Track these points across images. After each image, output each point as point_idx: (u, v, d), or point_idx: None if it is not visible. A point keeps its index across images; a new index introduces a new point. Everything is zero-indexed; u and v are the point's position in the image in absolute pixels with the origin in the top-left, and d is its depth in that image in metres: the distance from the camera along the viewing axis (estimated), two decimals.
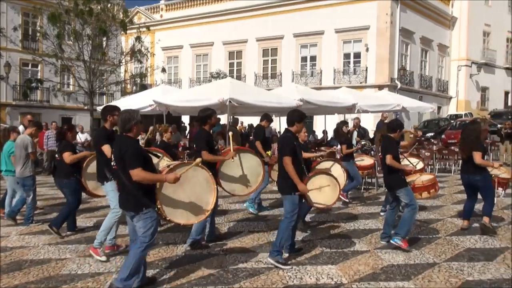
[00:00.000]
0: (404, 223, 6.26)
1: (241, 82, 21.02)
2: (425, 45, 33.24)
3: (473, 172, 7.00)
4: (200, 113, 6.53)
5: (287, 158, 5.52)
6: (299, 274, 5.27)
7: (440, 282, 5.01)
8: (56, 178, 7.32)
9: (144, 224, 4.59)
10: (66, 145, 7.17)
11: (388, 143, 6.50)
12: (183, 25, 36.62)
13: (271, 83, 31.90)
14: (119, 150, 4.55)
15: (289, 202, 5.65)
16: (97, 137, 6.14)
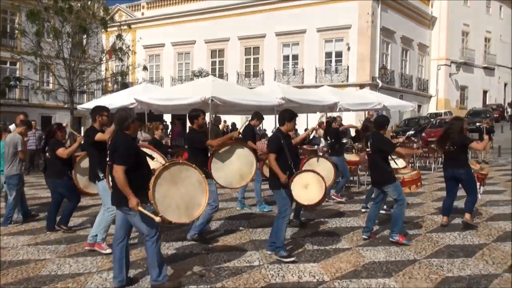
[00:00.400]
0: (396, 219, 6.42)
1: (223, 80, 20.95)
2: (405, 45, 33.61)
3: (457, 166, 7.15)
4: (190, 112, 6.66)
5: (272, 155, 5.73)
6: (281, 272, 5.28)
7: (420, 279, 5.07)
8: (47, 178, 7.30)
9: (139, 217, 4.61)
10: (56, 143, 7.15)
11: (381, 140, 6.58)
12: (165, 23, 36.39)
13: (253, 81, 31.91)
14: (113, 146, 4.60)
15: (279, 197, 5.81)
16: (88, 137, 6.10)
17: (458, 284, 4.89)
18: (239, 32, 32.79)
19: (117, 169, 4.45)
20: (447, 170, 7.37)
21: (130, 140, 4.69)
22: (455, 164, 7.19)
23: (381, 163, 6.54)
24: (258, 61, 33.04)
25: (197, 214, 5.05)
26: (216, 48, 34.72)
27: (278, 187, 5.76)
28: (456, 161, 7.17)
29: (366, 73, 28.93)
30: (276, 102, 13.29)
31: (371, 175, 6.94)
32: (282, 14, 30.91)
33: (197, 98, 12.20)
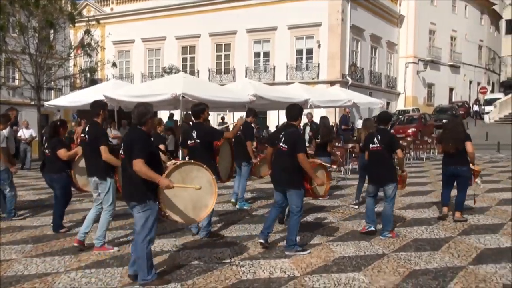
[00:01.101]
0: (387, 218, 6.59)
1: (194, 77, 20.80)
2: (374, 42, 34.08)
3: (461, 163, 7.32)
4: (194, 107, 6.61)
5: (304, 154, 5.68)
6: (252, 269, 5.29)
7: (389, 272, 5.16)
8: (45, 174, 7.23)
9: (145, 215, 4.66)
10: (58, 141, 7.06)
11: (392, 136, 6.79)
12: (135, 18, 35.81)
13: (224, 78, 31.79)
14: (130, 141, 4.63)
15: (298, 197, 5.82)
16: (95, 134, 5.96)
17: (424, 277, 5.00)
18: (210, 28, 32.57)
19: (137, 162, 4.48)
20: (449, 166, 7.48)
21: (146, 136, 4.76)
22: (458, 161, 7.33)
23: (390, 160, 6.58)
24: (229, 58, 32.95)
25: (204, 215, 5.11)
26: (187, 44, 34.45)
27: (300, 187, 5.80)
28: (459, 158, 7.32)
29: (336, 71, 29.21)
30: (247, 99, 13.30)
31: (375, 171, 6.74)
32: (253, 11, 30.86)
33: (168, 94, 12.11)
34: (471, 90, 47.39)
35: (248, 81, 17.06)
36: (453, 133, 7.42)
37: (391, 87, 37.39)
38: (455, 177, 7.51)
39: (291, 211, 5.91)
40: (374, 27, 33.55)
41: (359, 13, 31.14)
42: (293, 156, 5.66)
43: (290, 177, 5.78)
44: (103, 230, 6.01)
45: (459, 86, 45.22)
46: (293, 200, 5.84)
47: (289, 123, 5.99)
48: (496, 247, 6.06)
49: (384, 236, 6.52)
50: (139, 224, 4.71)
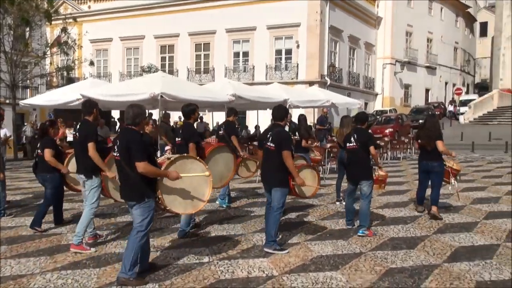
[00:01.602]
0: (364, 215, 6.74)
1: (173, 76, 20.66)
2: (353, 43, 34.40)
3: (432, 159, 7.65)
4: (185, 107, 6.71)
5: (289, 152, 5.80)
6: (231, 268, 5.28)
7: (366, 271, 5.21)
8: (38, 173, 7.20)
9: (142, 213, 4.76)
10: (48, 141, 7.03)
11: (368, 136, 6.97)
12: (113, 17, 35.47)
13: (203, 78, 31.70)
14: (126, 142, 4.69)
15: (282, 195, 5.94)
16: (85, 131, 5.99)
17: (401, 275, 5.06)
18: (189, 27, 32.45)
19: (142, 165, 4.57)
20: (423, 163, 7.84)
21: (141, 136, 4.85)
22: (430, 157, 7.68)
23: (366, 158, 6.82)
24: (208, 58, 32.87)
25: (201, 205, 5.23)
26: (166, 43, 34.24)
27: (285, 185, 5.92)
28: (432, 154, 7.65)
29: (315, 71, 29.40)
30: (227, 99, 13.28)
31: (351, 169, 7.06)
32: (233, 11, 30.84)
33: (146, 94, 11.99)
34: (446, 91, 48.24)
35: (227, 81, 17.03)
36: (427, 131, 7.74)
37: (369, 87, 37.80)
38: (428, 173, 7.80)
39: (272, 207, 5.98)
40: (352, 28, 33.87)
41: (337, 14, 31.39)
42: (280, 154, 5.79)
43: (277, 176, 5.92)
44: (83, 226, 5.97)
45: (435, 87, 45.97)
46: (276, 197, 5.93)
47: (276, 123, 6.14)
48: (470, 245, 6.17)
49: (361, 233, 6.63)
50: (136, 221, 4.82)
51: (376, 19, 38.31)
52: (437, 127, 7.85)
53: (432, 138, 7.61)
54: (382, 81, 38.99)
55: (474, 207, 8.52)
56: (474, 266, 5.32)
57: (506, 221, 7.41)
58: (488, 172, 13.47)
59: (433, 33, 44.95)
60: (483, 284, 4.81)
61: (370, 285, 4.79)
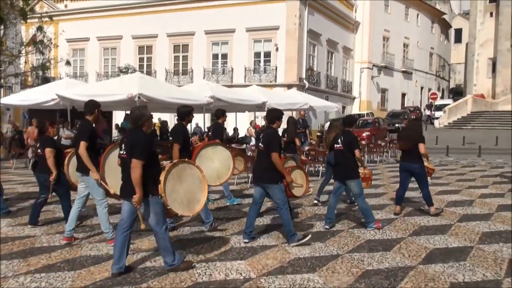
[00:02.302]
0: (365, 211, 7.15)
1: (151, 77, 20.55)
2: (331, 47, 34.70)
3: (413, 161, 7.96)
4: (181, 108, 6.93)
5: (276, 153, 6.13)
6: (208, 271, 5.25)
7: (342, 273, 5.25)
8: (37, 173, 7.30)
9: (154, 208, 5.01)
10: (47, 140, 7.16)
11: (352, 138, 7.37)
12: (90, 16, 35.01)
13: (182, 79, 31.56)
14: (132, 141, 4.92)
15: (279, 190, 6.24)
16: (81, 129, 6.17)
17: (377, 277, 5.11)
18: (168, 28, 32.27)
19: (136, 163, 4.79)
20: (403, 163, 8.15)
21: (146, 137, 5.06)
22: (411, 159, 7.98)
23: (351, 159, 7.19)
24: (187, 59, 32.74)
25: (197, 209, 5.48)
26: (144, 44, 33.99)
27: (276, 182, 6.22)
28: (412, 156, 7.96)
29: (294, 74, 29.55)
30: (205, 101, 13.26)
31: (338, 168, 7.44)
32: (212, 13, 30.80)
33: (123, 95, 11.91)
34: (422, 95, 49.09)
35: (206, 82, 17.04)
36: (409, 132, 8.19)
37: (347, 91, 38.18)
38: (409, 174, 8.11)
39: (277, 205, 6.32)
40: (331, 32, 34.17)
41: (316, 18, 31.64)
42: (269, 155, 6.12)
43: (269, 174, 6.23)
44: (106, 222, 6.22)
45: (411, 91, 46.72)
46: (275, 194, 6.26)
47: (268, 125, 6.52)
48: (445, 247, 6.27)
49: (370, 227, 7.08)
50: (152, 218, 5.04)
51: (354, 24, 38.74)
52: (419, 130, 8.23)
53: (413, 139, 7.91)
54: (359, 85, 39.44)
55: (449, 210, 8.66)
56: (448, 267, 5.41)
57: (479, 224, 7.56)
58: (462, 176, 13.72)
59: (410, 39, 45.72)
60: (457, 285, 4.89)
61: (346, 287, 4.82)
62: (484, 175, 14.01)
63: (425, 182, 8.11)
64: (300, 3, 29.41)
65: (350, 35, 38.58)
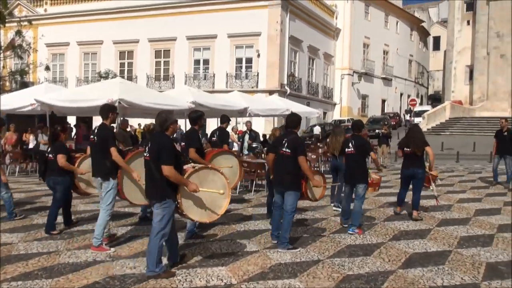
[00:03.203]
0: (356, 214, 7.32)
1: (132, 82, 20.37)
2: (312, 54, 34.94)
3: (417, 166, 8.32)
4: (192, 114, 6.99)
5: (304, 157, 6.27)
6: (189, 277, 5.21)
7: (323, 278, 5.25)
8: (48, 176, 7.32)
9: (162, 212, 5.09)
10: (60, 146, 7.25)
11: (364, 142, 7.67)
12: (70, 21, 34.64)
13: (163, 85, 31.42)
14: (157, 144, 5.09)
15: (294, 198, 6.36)
16: (104, 136, 6.24)
17: (357, 282, 5.13)
18: (149, 34, 32.14)
19: (168, 168, 4.95)
20: (408, 168, 8.43)
21: (171, 141, 5.21)
22: (416, 164, 8.32)
23: (363, 163, 7.52)
24: (168, 65, 32.62)
25: (216, 217, 5.46)
26: (125, 49, 33.75)
27: (298, 188, 6.38)
28: (417, 162, 8.31)
29: (275, 80, 29.65)
30: (186, 106, 13.19)
31: (349, 172, 7.57)
32: (193, 18, 30.77)
33: (103, 100, 11.75)
34: (401, 102, 49.72)
35: (187, 88, 16.95)
36: (417, 137, 8.42)
37: (328, 97, 38.45)
38: (412, 179, 8.42)
39: (286, 210, 6.38)
40: (312, 39, 34.42)
41: (297, 24, 31.84)
42: (295, 159, 6.21)
43: (291, 180, 6.34)
44: (101, 229, 6.17)
45: (390, 98, 47.28)
46: (289, 200, 6.36)
47: (291, 130, 6.62)
48: (424, 251, 6.34)
49: (351, 231, 7.20)
50: (155, 220, 5.13)
51: (335, 30, 39.09)
52: (423, 135, 8.58)
53: (421, 145, 8.27)
54: (340, 91, 39.76)
55: (428, 215, 8.76)
56: (427, 272, 5.47)
57: (457, 228, 7.67)
58: (440, 181, 13.89)
59: (389, 46, 46.33)
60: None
61: None
62: (462, 180, 14.23)
63: (421, 187, 8.43)
64: (281, 9, 29.58)
65: (331, 42, 38.91)
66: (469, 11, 43.12)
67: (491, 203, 10.10)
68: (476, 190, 12.06)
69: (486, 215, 8.80)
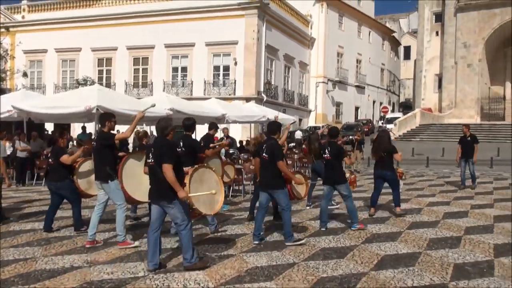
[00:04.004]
0: (352, 212, 7.83)
1: (110, 89, 20.16)
2: (288, 62, 35.18)
3: (385, 168, 8.87)
4: (186, 121, 7.17)
5: (282, 162, 6.70)
6: (166, 282, 5.16)
7: (298, 280, 5.27)
8: (49, 181, 7.59)
9: (179, 209, 5.40)
10: (59, 150, 7.52)
11: (339, 148, 8.04)
12: (48, 28, 34.07)
13: (142, 92, 31.17)
14: (159, 148, 5.38)
15: (283, 195, 6.79)
16: (104, 139, 6.65)
17: (331, 283, 5.17)
18: (128, 41, 31.88)
19: (167, 167, 5.22)
20: (377, 170, 9.01)
21: (172, 143, 5.60)
22: (384, 167, 8.88)
23: (339, 166, 7.98)
24: (147, 72, 32.38)
25: (217, 208, 5.95)
26: (104, 56, 33.38)
27: (282, 186, 6.75)
28: (385, 165, 8.88)
29: (252, 87, 29.73)
30: (165, 113, 13.13)
31: (327, 175, 8.03)
32: (172, 26, 30.67)
33: (81, 107, 11.64)
34: (374, 109, 50.39)
35: (166, 95, 16.89)
36: (377, 144, 9.01)
37: (303, 104, 38.70)
38: (383, 180, 8.96)
39: (282, 208, 6.82)
40: (288, 48, 34.67)
41: (273, 33, 32.04)
42: (273, 163, 6.59)
43: (274, 181, 6.73)
44: (122, 226, 6.57)
45: (363, 105, 47.90)
46: (281, 199, 6.80)
47: (270, 136, 6.98)
48: (395, 253, 6.43)
49: (354, 227, 7.74)
50: (178, 217, 5.44)
51: (310, 40, 39.47)
52: (385, 141, 9.00)
53: (381, 149, 8.84)
54: (315, 99, 40.09)
55: (399, 218, 8.89)
56: (398, 273, 5.54)
57: (427, 231, 7.80)
58: (411, 185, 14.11)
59: (362, 55, 46.99)
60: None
61: None
62: (432, 184, 14.48)
63: (397, 185, 8.99)
64: (258, 19, 29.73)
65: (306, 51, 39.25)
66: (437, 22, 44.09)
67: (459, 206, 10.31)
68: (445, 194, 12.29)
69: (454, 218, 8.97)
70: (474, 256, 6.31)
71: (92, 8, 33.52)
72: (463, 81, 40.46)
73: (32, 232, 7.48)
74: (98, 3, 33.60)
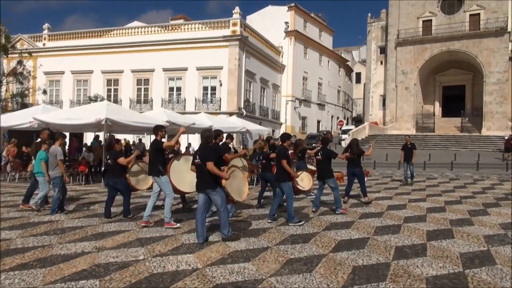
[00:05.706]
0: (337, 199, 8.38)
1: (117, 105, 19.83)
2: (263, 84, 35.29)
3: (356, 166, 9.58)
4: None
5: (285, 160, 7.22)
6: (162, 264, 5.08)
7: (271, 261, 5.25)
8: (107, 178, 7.84)
9: (221, 195, 5.97)
10: (116, 153, 7.81)
11: (329, 151, 8.60)
12: (65, 54, 33.43)
13: (143, 107, 30.77)
14: (204, 150, 5.95)
15: (287, 187, 7.30)
16: (154, 146, 7.01)
17: (298, 264, 5.16)
18: (132, 66, 31.52)
19: (210, 164, 5.80)
20: (350, 168, 9.65)
21: (212, 147, 6.13)
22: (355, 165, 9.59)
23: (329, 165, 8.54)
24: (148, 91, 32.00)
25: (244, 197, 6.70)
26: (112, 78, 32.87)
27: (286, 180, 7.27)
28: (355, 164, 9.59)
29: (234, 104, 29.71)
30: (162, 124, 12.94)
31: (320, 172, 8.60)
32: (168, 54, 30.55)
33: (93, 118, 11.43)
34: (332, 122, 50.89)
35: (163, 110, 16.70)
36: (352, 147, 9.57)
37: (276, 118, 38.82)
38: (354, 175, 9.60)
39: (286, 196, 7.37)
40: (263, 72, 34.82)
41: (251, 61, 32.14)
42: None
43: (279, 174, 7.34)
44: (169, 210, 6.93)
45: (324, 119, 48.32)
46: (284, 189, 7.32)
47: (282, 144, 7.64)
48: (349, 238, 6.46)
49: (338, 212, 8.30)
50: (218, 202, 5.94)
51: (281, 66, 39.72)
52: (357, 144, 9.65)
53: (353, 151, 9.52)
54: (285, 113, 40.27)
55: (352, 210, 8.95)
56: (352, 254, 5.57)
57: (374, 220, 7.87)
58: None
59: (323, 79, 47.49)
60: (357, 268, 5.04)
61: (274, 273, 4.83)
62: (378, 182, 14.67)
63: (363, 180, 9.70)
64: (239, 49, 29.79)
65: (278, 75, 39.47)
66: (382, 54, 44.92)
67: (399, 200, 10.46)
68: (388, 190, 12.46)
69: (396, 209, 9.08)
70: (411, 240, 6.39)
71: (103, 38, 33.01)
72: (402, 100, 41.29)
73: (49, 223, 7.27)
74: (108, 33, 33.14)
